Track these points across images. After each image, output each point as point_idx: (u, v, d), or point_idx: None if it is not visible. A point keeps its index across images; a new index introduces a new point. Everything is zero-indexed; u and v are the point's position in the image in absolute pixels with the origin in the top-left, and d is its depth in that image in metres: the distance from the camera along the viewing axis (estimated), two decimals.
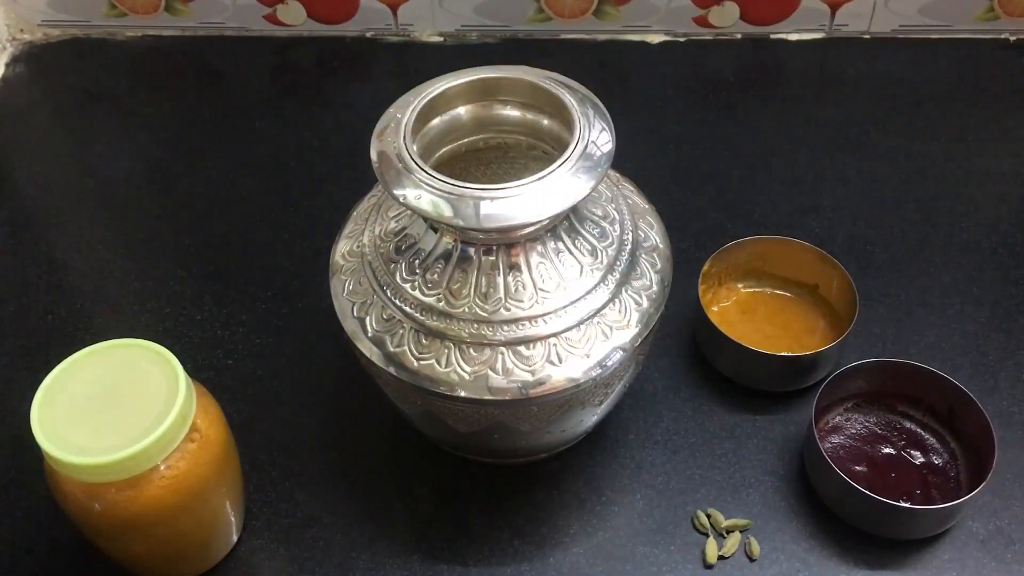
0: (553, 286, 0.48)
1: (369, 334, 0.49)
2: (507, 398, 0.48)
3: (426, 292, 0.49)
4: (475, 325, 0.48)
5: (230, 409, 0.52)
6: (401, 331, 0.49)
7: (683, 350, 0.64)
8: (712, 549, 0.54)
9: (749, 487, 0.57)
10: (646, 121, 0.80)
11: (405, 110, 0.49)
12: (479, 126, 0.53)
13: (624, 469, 0.59)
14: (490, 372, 0.47)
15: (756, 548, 0.54)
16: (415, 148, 0.47)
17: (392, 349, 0.49)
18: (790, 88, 0.84)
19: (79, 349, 0.48)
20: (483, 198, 0.44)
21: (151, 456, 0.45)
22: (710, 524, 0.56)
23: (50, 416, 0.46)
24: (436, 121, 0.51)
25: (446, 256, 0.49)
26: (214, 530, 0.53)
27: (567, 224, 0.49)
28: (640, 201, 0.55)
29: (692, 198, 0.74)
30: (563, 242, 0.49)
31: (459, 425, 0.51)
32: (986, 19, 0.85)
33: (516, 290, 0.48)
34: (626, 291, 0.50)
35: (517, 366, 0.47)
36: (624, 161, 0.53)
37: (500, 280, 0.48)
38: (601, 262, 0.50)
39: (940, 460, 0.57)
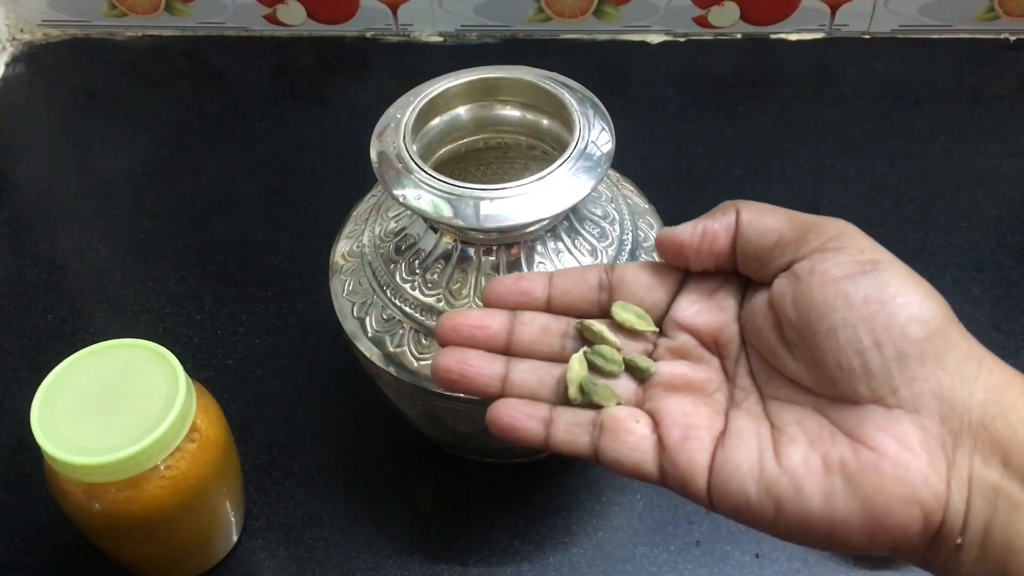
0: None
1: (369, 334, 0.49)
2: None
3: (426, 292, 0.49)
4: None
5: (230, 409, 0.52)
6: (401, 331, 0.49)
7: None
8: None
9: None
10: (646, 121, 0.80)
11: (405, 110, 0.49)
12: (479, 126, 0.53)
13: None
14: None
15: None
16: (415, 148, 0.47)
17: (392, 349, 0.49)
18: (790, 88, 0.84)
19: (79, 349, 0.48)
20: (483, 198, 0.44)
21: (151, 456, 0.45)
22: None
23: (50, 416, 0.45)
24: (436, 121, 0.51)
25: (446, 256, 0.49)
26: (214, 530, 0.53)
27: (567, 224, 0.49)
28: (640, 201, 0.55)
29: (692, 198, 0.74)
30: (563, 242, 0.49)
31: (459, 425, 0.51)
32: (986, 19, 0.85)
33: None
34: None
35: None
36: (624, 161, 0.53)
37: None
38: (601, 262, 0.50)
39: None
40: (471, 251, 0.48)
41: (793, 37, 0.87)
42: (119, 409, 0.46)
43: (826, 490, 0.29)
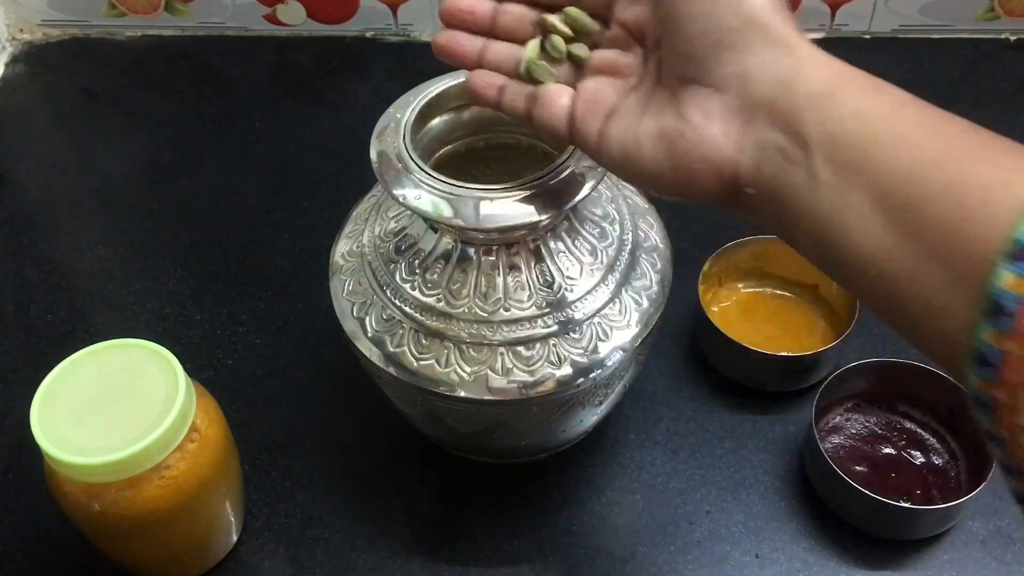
0: None
1: (369, 334, 0.49)
2: (507, 398, 0.48)
3: (426, 292, 0.49)
4: (475, 325, 0.48)
5: (230, 409, 0.52)
6: (401, 331, 0.49)
7: (683, 350, 0.64)
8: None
9: (749, 487, 0.57)
10: None
11: (405, 110, 0.49)
12: (479, 126, 0.53)
13: (624, 469, 0.59)
14: (490, 372, 0.47)
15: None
16: (415, 148, 0.47)
17: (392, 349, 0.49)
18: None
19: (79, 349, 0.48)
20: (483, 198, 0.44)
21: (151, 456, 0.45)
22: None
23: (50, 416, 0.46)
24: (436, 121, 0.51)
25: (446, 256, 0.49)
26: (214, 530, 0.53)
27: (567, 224, 0.49)
28: (640, 201, 0.55)
29: None
30: (563, 242, 0.49)
31: (459, 425, 0.51)
32: (986, 19, 0.85)
33: (516, 290, 0.48)
34: (626, 291, 0.50)
35: (517, 366, 0.47)
36: None
37: (500, 280, 0.48)
38: (601, 262, 0.50)
39: (940, 460, 0.57)
40: (471, 251, 0.48)
41: None
42: (119, 409, 0.46)
43: (653, 152, 0.37)
